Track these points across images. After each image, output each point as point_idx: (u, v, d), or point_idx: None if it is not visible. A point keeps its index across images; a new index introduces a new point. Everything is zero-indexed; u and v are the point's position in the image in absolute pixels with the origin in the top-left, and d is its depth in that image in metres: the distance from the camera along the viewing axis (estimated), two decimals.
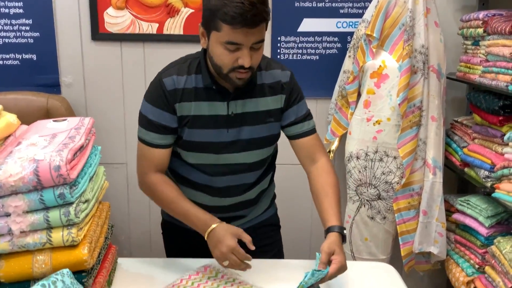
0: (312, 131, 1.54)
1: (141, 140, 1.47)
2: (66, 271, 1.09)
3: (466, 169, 2.20)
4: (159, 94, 1.42)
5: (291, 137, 1.54)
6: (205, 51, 1.41)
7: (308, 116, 1.54)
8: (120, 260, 1.55)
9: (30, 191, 1.12)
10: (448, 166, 2.34)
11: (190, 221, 1.42)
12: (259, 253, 1.42)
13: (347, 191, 2.32)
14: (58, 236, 1.15)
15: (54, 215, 1.14)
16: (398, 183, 2.19)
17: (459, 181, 2.55)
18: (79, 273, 1.18)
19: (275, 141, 1.56)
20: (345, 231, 1.39)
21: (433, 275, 2.64)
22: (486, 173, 2.00)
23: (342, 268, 1.33)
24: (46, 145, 1.19)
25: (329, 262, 1.32)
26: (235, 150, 1.47)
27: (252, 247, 1.34)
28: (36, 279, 1.15)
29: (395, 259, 2.34)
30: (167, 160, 1.49)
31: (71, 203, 1.15)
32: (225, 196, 1.54)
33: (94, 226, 1.27)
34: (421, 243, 2.22)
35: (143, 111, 1.46)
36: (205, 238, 1.37)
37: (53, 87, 2.42)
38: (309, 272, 1.27)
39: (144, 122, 1.45)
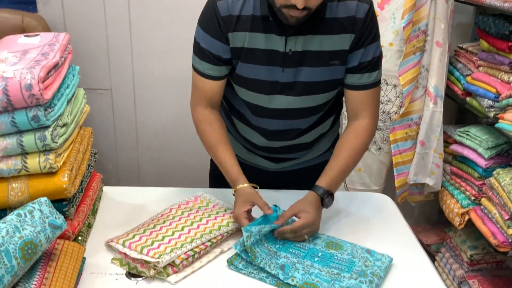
0: (371, 85, 1.31)
1: (194, 68, 1.34)
2: (44, 199, 1.01)
3: (468, 99, 2.10)
4: (211, 19, 1.25)
5: (345, 85, 1.34)
6: None
7: (373, 64, 1.29)
8: (106, 188, 1.48)
9: (1, 113, 1.02)
10: (449, 95, 2.24)
11: (222, 172, 1.35)
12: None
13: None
14: (34, 162, 1.07)
15: (29, 140, 1.05)
16: (396, 112, 2.11)
17: (458, 112, 2.47)
18: (59, 202, 1.12)
19: (338, 86, 1.35)
20: (327, 199, 1.28)
21: (425, 206, 2.64)
22: (490, 102, 1.91)
23: (309, 226, 1.22)
24: (16, 62, 1.07)
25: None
26: (291, 93, 1.30)
27: (267, 212, 1.23)
28: (12, 208, 1.08)
29: (387, 190, 2.31)
30: (219, 92, 1.36)
31: (47, 127, 1.06)
32: (276, 139, 1.44)
33: (74, 152, 1.18)
34: (417, 174, 2.17)
35: (196, 36, 1.31)
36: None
37: (29, 4, 2.25)
38: (249, 228, 1.16)
39: (197, 49, 1.31)
